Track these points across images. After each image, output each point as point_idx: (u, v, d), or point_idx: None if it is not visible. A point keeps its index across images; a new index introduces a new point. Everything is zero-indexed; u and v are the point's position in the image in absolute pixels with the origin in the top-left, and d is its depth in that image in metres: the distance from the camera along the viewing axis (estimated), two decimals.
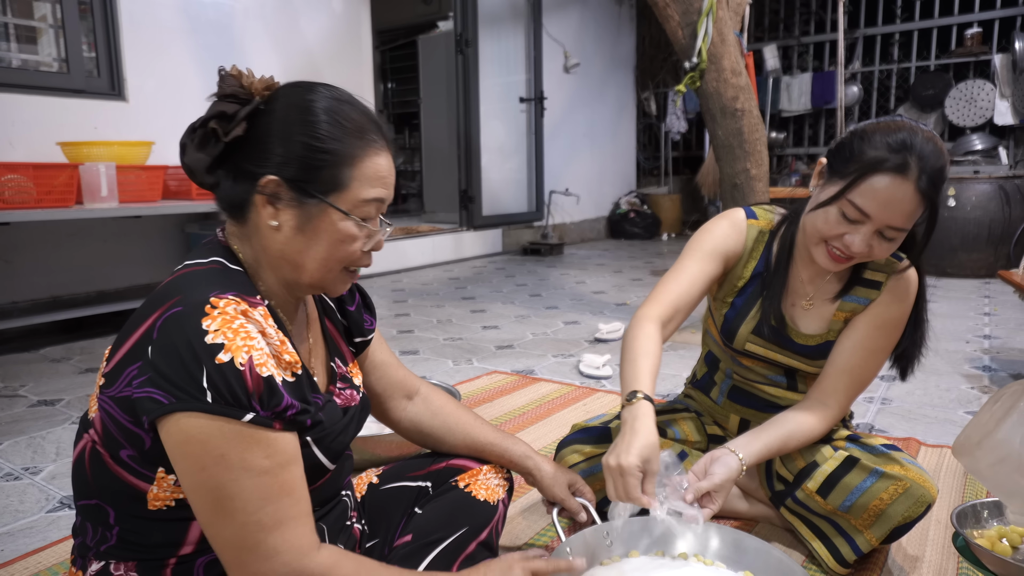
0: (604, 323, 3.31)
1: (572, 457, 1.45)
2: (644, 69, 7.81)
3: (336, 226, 0.88)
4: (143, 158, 3.32)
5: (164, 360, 0.77)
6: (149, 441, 0.81)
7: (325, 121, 0.86)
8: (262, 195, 0.86)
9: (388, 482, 1.20)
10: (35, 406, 2.32)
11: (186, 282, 0.83)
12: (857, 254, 1.18)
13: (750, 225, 1.38)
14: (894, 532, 1.24)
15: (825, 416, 1.30)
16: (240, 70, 0.88)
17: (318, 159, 0.86)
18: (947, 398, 2.31)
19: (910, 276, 1.30)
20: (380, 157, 0.90)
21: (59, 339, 3.22)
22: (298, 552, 0.81)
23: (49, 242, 3.33)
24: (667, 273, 1.37)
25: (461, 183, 5.99)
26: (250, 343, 0.79)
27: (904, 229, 1.16)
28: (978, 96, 5.81)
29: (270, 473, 0.79)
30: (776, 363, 1.40)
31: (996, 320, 3.45)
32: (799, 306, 1.36)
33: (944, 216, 4.65)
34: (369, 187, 0.89)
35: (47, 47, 3.52)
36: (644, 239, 7.32)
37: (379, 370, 1.18)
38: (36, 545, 1.45)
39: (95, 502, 0.87)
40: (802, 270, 1.36)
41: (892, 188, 1.12)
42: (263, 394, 0.79)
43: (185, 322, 0.77)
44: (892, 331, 1.31)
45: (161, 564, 0.86)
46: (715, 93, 3.11)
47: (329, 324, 1.07)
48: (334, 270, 0.91)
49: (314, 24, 4.59)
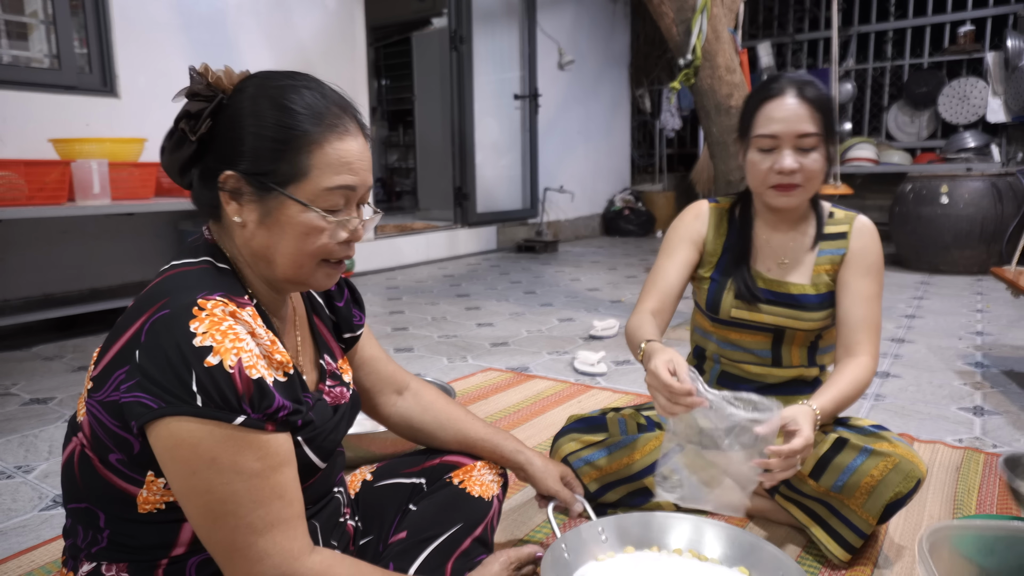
0: (599, 320, 3.31)
1: (570, 445, 1.47)
2: (638, 66, 7.80)
3: (298, 219, 0.84)
4: (136, 155, 3.30)
5: (152, 364, 0.75)
6: (138, 446, 0.80)
7: (276, 108, 0.83)
8: (224, 191, 0.85)
9: (382, 479, 1.20)
10: (27, 404, 2.31)
11: (173, 284, 0.82)
12: (791, 169, 1.34)
13: (712, 208, 1.55)
14: (887, 509, 1.26)
15: (866, 363, 1.37)
16: (209, 67, 0.85)
17: (272, 149, 0.83)
18: (940, 394, 2.32)
19: (867, 220, 1.47)
20: (345, 142, 0.85)
21: (52, 337, 3.20)
22: (288, 556, 0.80)
23: (41, 239, 3.31)
24: (649, 274, 1.54)
25: (455, 180, 5.98)
26: (239, 344, 0.78)
27: (812, 134, 1.33)
28: (971, 94, 5.83)
29: (261, 476, 0.79)
30: (762, 327, 1.46)
31: (988, 317, 3.47)
32: (776, 266, 1.48)
33: (937, 213, 4.67)
34: (332, 175, 0.84)
35: (38, 43, 3.50)
36: (638, 236, 7.32)
37: (368, 365, 1.17)
38: (29, 544, 1.44)
39: (85, 505, 0.86)
40: (770, 235, 1.49)
41: (778, 106, 1.34)
42: (254, 396, 0.78)
43: (173, 325, 0.76)
44: (878, 274, 1.43)
45: (153, 565, 0.86)
46: (709, 90, 3.11)
47: (317, 320, 1.06)
48: (307, 264, 0.88)
49: (307, 20, 4.57)
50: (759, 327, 1.47)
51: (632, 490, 1.45)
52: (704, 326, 1.56)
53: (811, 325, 1.44)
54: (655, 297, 1.48)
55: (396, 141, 9.35)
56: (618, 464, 1.44)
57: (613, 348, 2.96)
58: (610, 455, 1.44)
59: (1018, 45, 5.31)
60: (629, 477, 1.44)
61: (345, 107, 0.88)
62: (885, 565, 1.32)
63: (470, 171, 5.92)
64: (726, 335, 1.51)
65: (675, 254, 1.51)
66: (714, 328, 1.53)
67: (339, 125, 0.85)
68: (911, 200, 4.81)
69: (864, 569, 1.30)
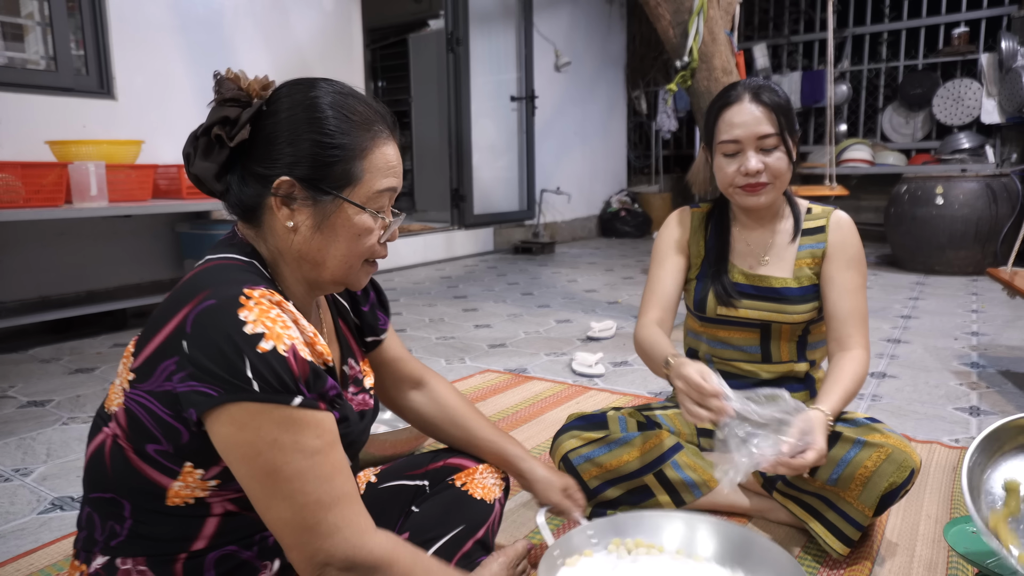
0: (596, 321, 3.32)
1: (571, 442, 1.48)
2: (635, 68, 7.82)
3: (353, 221, 0.88)
4: (133, 157, 3.30)
5: (204, 354, 0.77)
6: (187, 435, 0.81)
7: (332, 116, 0.86)
8: (276, 197, 0.86)
9: (386, 480, 1.20)
10: (25, 407, 2.31)
11: (212, 276, 0.83)
12: (756, 170, 1.39)
13: (693, 213, 1.59)
14: (883, 500, 1.27)
15: (860, 355, 1.41)
16: (236, 72, 0.87)
17: (329, 155, 0.86)
18: (936, 394, 2.34)
19: (843, 214, 1.51)
20: (388, 147, 0.91)
21: (48, 339, 3.19)
22: (359, 530, 0.82)
23: (38, 242, 3.30)
24: (645, 285, 1.60)
25: (452, 182, 5.98)
26: (288, 331, 0.79)
27: (773, 134, 1.38)
28: (965, 95, 5.85)
29: (322, 452, 0.80)
30: (748, 323, 1.49)
31: (984, 317, 3.49)
32: (757, 263, 1.51)
33: (932, 214, 4.69)
34: (381, 178, 0.89)
35: (34, 45, 3.49)
36: (635, 237, 7.33)
37: (392, 366, 1.20)
38: (28, 547, 1.44)
39: (110, 495, 0.87)
40: (747, 235, 1.54)
41: (737, 112, 1.40)
42: (309, 377, 0.80)
43: (221, 314, 0.78)
44: (859, 265, 1.47)
45: (172, 559, 0.86)
46: (706, 92, 3.12)
47: (343, 325, 1.08)
48: (355, 265, 0.92)
49: (305, 22, 4.57)
50: (745, 323, 1.50)
51: (632, 487, 1.46)
52: (694, 327, 1.61)
53: (796, 318, 1.47)
54: (656, 306, 1.54)
55: None
56: (618, 461, 1.45)
57: (611, 349, 2.96)
58: (611, 452, 1.45)
59: (1012, 46, 5.33)
60: (629, 474, 1.45)
61: (384, 114, 0.92)
62: (882, 563, 1.33)
63: (467, 173, 5.93)
64: (715, 333, 1.55)
65: (665, 263, 1.57)
66: (703, 328, 1.57)
67: (383, 131, 0.90)
68: (906, 201, 4.83)
69: (862, 566, 1.30)
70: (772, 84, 1.44)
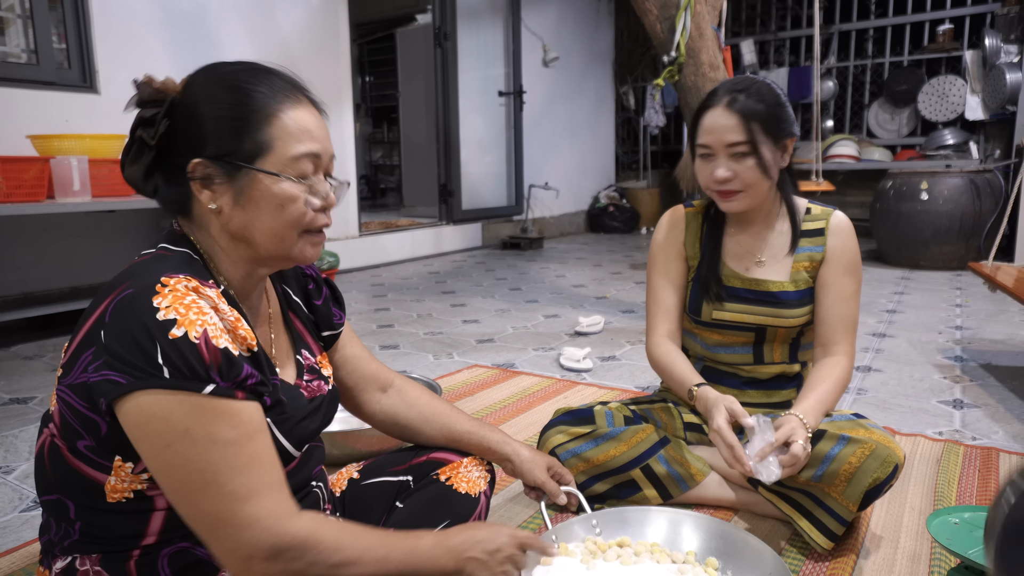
0: (584, 316, 3.32)
1: (557, 438, 1.48)
2: (622, 63, 7.82)
3: (272, 190, 0.85)
4: (116, 151, 3.26)
5: (117, 341, 0.76)
6: (105, 427, 0.80)
7: (229, 89, 0.86)
8: (195, 180, 0.86)
9: (369, 477, 1.19)
10: (7, 404, 2.28)
11: (138, 268, 0.83)
12: (722, 179, 1.38)
13: (687, 213, 1.56)
14: (867, 496, 1.27)
15: (844, 362, 1.42)
16: (152, 77, 0.88)
17: (232, 128, 0.84)
18: (920, 388, 2.36)
19: (843, 216, 1.49)
20: (299, 111, 0.87)
21: (31, 336, 3.16)
22: (278, 516, 0.79)
23: (20, 238, 3.26)
24: (647, 300, 1.59)
25: (440, 177, 5.97)
26: (203, 317, 0.78)
27: (741, 142, 1.35)
28: (950, 91, 5.90)
29: (238, 443, 0.78)
30: (744, 326, 1.47)
31: (967, 311, 3.52)
32: (753, 265, 1.49)
33: (917, 210, 4.73)
34: (295, 143, 0.86)
35: (15, 38, 3.44)
36: (623, 233, 7.35)
37: (350, 364, 1.17)
38: (9, 545, 1.42)
39: (56, 497, 0.86)
40: (742, 235, 1.51)
41: (710, 118, 1.39)
42: (222, 365, 0.78)
43: (136, 302, 0.77)
44: (856, 271, 1.45)
45: (125, 556, 0.85)
46: (693, 87, 3.13)
47: (294, 317, 1.06)
48: (288, 237, 0.88)
49: (290, 16, 4.53)
50: (741, 327, 1.48)
51: (619, 482, 1.46)
52: (688, 327, 1.59)
53: (792, 322, 1.45)
54: (664, 319, 1.55)
55: (381, 138, 9.31)
56: (605, 456, 1.45)
57: (598, 344, 2.97)
58: (597, 447, 1.46)
59: (995, 44, 5.38)
60: (616, 469, 1.45)
61: (295, 83, 0.90)
62: (866, 555, 1.34)
63: (455, 168, 5.91)
64: (709, 336, 1.53)
65: (664, 271, 1.55)
66: (697, 329, 1.55)
67: (291, 96, 0.88)
68: (891, 196, 4.87)
69: (847, 560, 1.31)
70: (758, 87, 1.39)
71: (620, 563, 1.16)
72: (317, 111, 0.91)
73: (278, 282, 1.07)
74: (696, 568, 1.15)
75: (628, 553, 1.18)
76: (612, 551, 1.18)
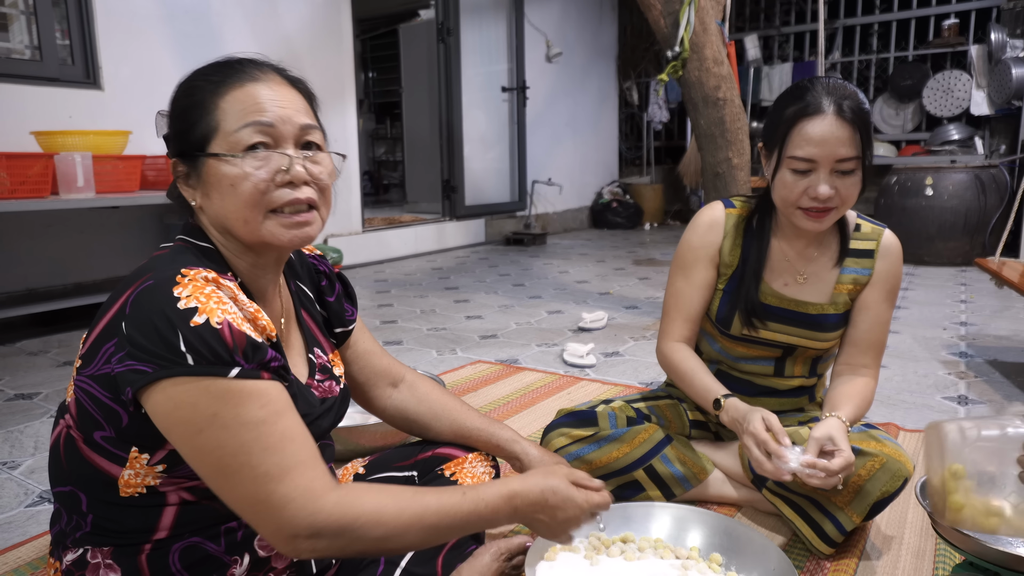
0: (587, 312, 3.32)
1: (559, 440, 1.46)
2: (626, 59, 7.80)
3: (221, 171, 0.85)
4: (120, 148, 3.26)
5: (139, 332, 0.76)
6: (127, 418, 0.80)
7: (181, 87, 0.89)
8: (178, 180, 0.90)
9: (374, 472, 1.20)
10: (12, 400, 2.29)
11: (157, 261, 0.85)
12: (826, 197, 1.23)
13: (728, 215, 1.44)
14: (874, 508, 1.26)
15: (869, 383, 1.37)
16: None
17: (183, 121, 0.87)
18: (924, 384, 2.35)
19: (892, 237, 1.39)
20: (247, 88, 0.86)
21: (36, 332, 3.17)
22: (312, 496, 0.78)
23: (24, 234, 3.27)
24: (665, 298, 1.48)
25: (443, 173, 5.96)
26: (223, 306, 0.79)
27: (853, 157, 1.22)
28: (955, 86, 5.87)
29: (267, 423, 0.78)
30: (773, 344, 1.42)
31: (972, 307, 3.51)
32: (793, 282, 1.40)
33: (922, 205, 4.71)
34: (240, 118, 0.84)
35: (19, 34, 3.44)
36: (626, 229, 7.33)
37: (362, 359, 1.17)
38: (15, 540, 1.43)
39: (69, 488, 0.87)
40: (787, 248, 1.40)
41: (817, 125, 1.21)
42: (246, 348, 0.78)
43: (156, 293, 0.78)
44: (895, 297, 1.39)
45: (136, 550, 0.86)
46: (697, 82, 3.11)
47: (306, 315, 1.06)
48: (252, 219, 0.86)
49: (293, 12, 4.53)
50: (769, 343, 1.43)
51: (622, 483, 1.45)
52: (710, 330, 1.50)
53: (825, 344, 1.41)
54: (682, 322, 1.44)
55: (384, 134, 9.30)
56: (608, 458, 1.44)
57: (602, 340, 2.96)
58: (600, 449, 1.44)
59: (1001, 38, 5.35)
60: (620, 470, 1.44)
61: (246, 61, 0.90)
62: (871, 551, 1.34)
63: (458, 164, 5.91)
64: (732, 347, 1.47)
65: (693, 275, 1.43)
66: (721, 338, 1.48)
67: (237, 76, 0.87)
68: (896, 192, 4.85)
69: (851, 560, 1.31)
70: (853, 91, 1.24)
71: (624, 559, 1.16)
72: (281, 80, 0.89)
73: (292, 279, 1.07)
74: (700, 564, 1.15)
75: (632, 549, 1.18)
76: (616, 547, 1.18)
